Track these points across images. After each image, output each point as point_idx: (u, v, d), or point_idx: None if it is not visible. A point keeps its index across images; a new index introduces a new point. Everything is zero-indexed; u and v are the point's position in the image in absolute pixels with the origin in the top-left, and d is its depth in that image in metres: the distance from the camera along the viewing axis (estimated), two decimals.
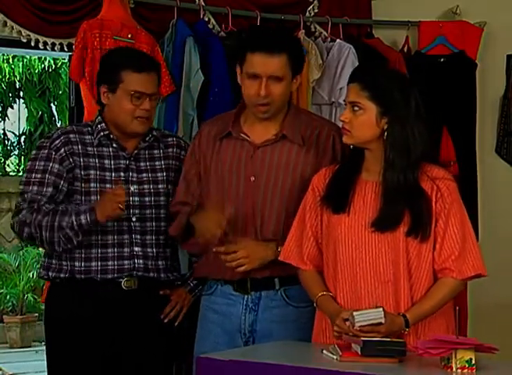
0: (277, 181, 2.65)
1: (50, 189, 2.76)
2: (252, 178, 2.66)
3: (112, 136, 2.82)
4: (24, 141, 8.75)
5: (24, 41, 3.68)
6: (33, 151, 2.86)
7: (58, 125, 8.70)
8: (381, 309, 2.26)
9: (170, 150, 2.91)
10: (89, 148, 2.81)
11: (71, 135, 2.81)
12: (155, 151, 2.89)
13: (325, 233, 2.48)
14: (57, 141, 2.80)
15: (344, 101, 2.46)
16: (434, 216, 2.38)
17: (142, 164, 2.85)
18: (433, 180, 2.39)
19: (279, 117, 2.69)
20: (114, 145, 2.82)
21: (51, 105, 8.89)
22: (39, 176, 2.77)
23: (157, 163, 2.88)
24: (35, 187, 2.76)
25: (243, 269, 2.59)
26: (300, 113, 2.77)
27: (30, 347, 7.88)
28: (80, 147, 2.80)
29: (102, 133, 2.81)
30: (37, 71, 8.63)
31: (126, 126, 2.80)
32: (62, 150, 2.78)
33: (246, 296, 2.67)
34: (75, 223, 2.68)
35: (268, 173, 2.65)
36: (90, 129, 2.84)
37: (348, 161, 2.50)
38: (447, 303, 2.42)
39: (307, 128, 2.70)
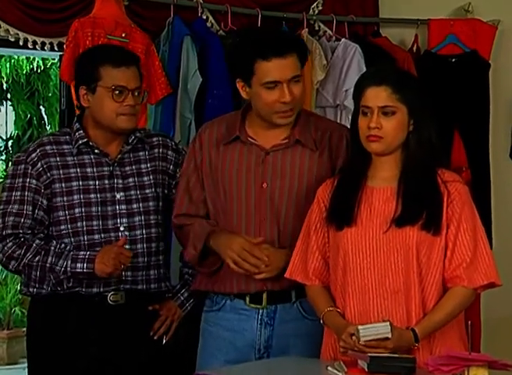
0: (292, 187, 2.64)
1: (30, 207, 2.75)
2: (264, 185, 2.65)
3: (91, 143, 2.79)
4: (12, 146, 8.74)
5: (12, 40, 3.68)
6: (11, 167, 2.85)
7: (48, 129, 8.71)
8: (387, 323, 2.27)
9: (156, 151, 2.88)
10: (68, 158, 2.79)
11: (47, 147, 2.79)
12: (140, 153, 2.86)
13: (333, 245, 2.49)
14: (33, 155, 2.78)
15: (367, 106, 2.41)
16: (445, 222, 2.40)
17: (127, 168, 2.83)
18: (444, 183, 2.43)
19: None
20: (95, 151, 2.80)
21: (41, 107, 8.88)
22: (19, 193, 2.76)
23: (143, 166, 2.85)
24: (15, 206, 2.75)
25: (262, 277, 2.58)
26: (309, 116, 2.77)
27: (17, 363, 7.85)
28: (58, 159, 2.77)
29: (81, 142, 2.79)
30: (25, 72, 8.63)
31: (112, 125, 2.77)
32: (39, 164, 2.76)
33: (261, 310, 2.66)
34: (69, 269, 2.69)
35: (281, 179, 2.64)
36: (68, 137, 2.82)
37: (351, 170, 2.51)
38: (459, 314, 2.43)
39: (318, 131, 2.70)
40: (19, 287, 8.14)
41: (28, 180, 2.77)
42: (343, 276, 2.45)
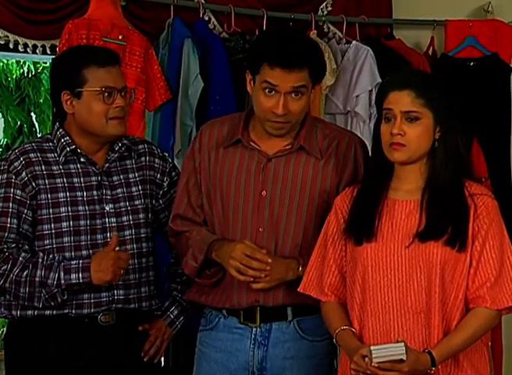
0: (293, 196, 2.65)
1: (15, 220, 2.69)
2: (263, 193, 2.66)
3: (79, 150, 2.76)
4: (1, 155, 8.76)
5: (1, 42, 3.70)
6: None
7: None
8: (402, 344, 2.25)
9: (143, 159, 2.86)
10: (54, 168, 2.74)
11: (31, 155, 2.73)
12: (127, 162, 2.84)
13: (351, 260, 2.48)
14: (16, 163, 2.72)
15: (389, 111, 2.41)
16: (471, 238, 2.39)
17: (115, 178, 2.80)
18: (471, 196, 2.41)
19: (294, 127, 2.69)
20: (82, 160, 2.76)
21: (31, 114, 8.91)
22: (0, 205, 2.70)
23: (130, 176, 2.83)
24: None
25: (260, 287, 2.58)
26: (316, 123, 2.77)
27: None
28: (43, 167, 2.73)
29: (68, 148, 2.75)
30: (14, 76, 8.66)
31: (101, 132, 2.74)
32: (24, 173, 2.71)
33: (254, 329, 2.66)
34: (63, 281, 2.65)
35: (282, 187, 2.65)
36: (51, 144, 2.78)
37: (372, 180, 2.50)
38: (481, 337, 2.42)
39: (325, 139, 2.70)
40: None
41: (12, 190, 2.71)
42: (361, 293, 2.44)
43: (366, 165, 2.64)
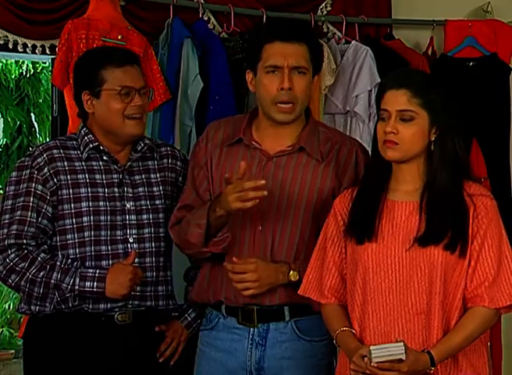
0: (291, 197, 2.66)
1: (34, 214, 2.74)
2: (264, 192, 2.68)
3: (102, 147, 2.81)
4: (0, 155, 8.76)
5: (1, 42, 3.70)
6: (14, 173, 2.83)
7: (38, 137, 8.73)
8: (401, 344, 2.25)
9: (165, 161, 2.92)
10: (76, 164, 2.80)
11: (54, 151, 2.80)
12: (149, 163, 2.89)
13: (351, 262, 2.48)
14: (39, 159, 2.78)
15: (385, 109, 2.42)
16: (470, 238, 2.39)
17: (137, 177, 2.85)
18: (470, 197, 2.41)
19: (296, 128, 2.71)
20: (104, 158, 2.82)
21: (31, 114, 8.92)
22: (22, 199, 2.76)
23: (152, 176, 2.88)
24: (18, 212, 2.74)
25: (250, 294, 2.60)
26: (319, 126, 2.79)
27: None
28: (65, 163, 2.79)
29: (91, 145, 2.80)
30: (13, 76, 8.67)
31: (119, 130, 2.79)
32: (46, 169, 2.77)
33: (252, 329, 2.67)
34: (77, 287, 2.70)
35: (281, 187, 2.66)
36: (75, 143, 2.84)
37: (371, 181, 2.50)
38: (479, 336, 2.42)
39: (327, 142, 2.71)
40: (8, 306, 8.14)
41: (34, 185, 2.76)
42: (362, 295, 2.44)
43: (366, 168, 2.65)
